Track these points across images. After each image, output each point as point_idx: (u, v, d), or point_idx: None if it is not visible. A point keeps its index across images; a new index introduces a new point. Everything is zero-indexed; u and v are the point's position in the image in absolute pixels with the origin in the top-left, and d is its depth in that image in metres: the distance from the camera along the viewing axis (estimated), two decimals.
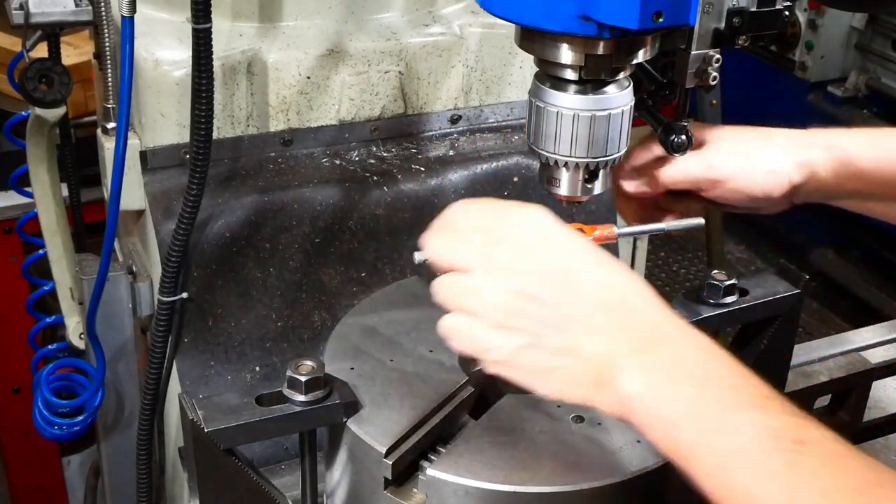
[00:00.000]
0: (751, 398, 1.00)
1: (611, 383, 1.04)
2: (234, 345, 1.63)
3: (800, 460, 0.93)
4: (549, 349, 1.07)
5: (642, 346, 1.05)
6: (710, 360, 1.04)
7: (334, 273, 1.68)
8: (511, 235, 1.11)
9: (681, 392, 1.01)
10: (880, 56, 4.48)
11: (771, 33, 1.23)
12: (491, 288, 1.09)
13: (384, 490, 1.17)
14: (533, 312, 1.07)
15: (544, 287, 1.08)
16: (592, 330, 1.06)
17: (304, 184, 1.69)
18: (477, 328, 1.09)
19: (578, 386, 1.07)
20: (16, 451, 3.12)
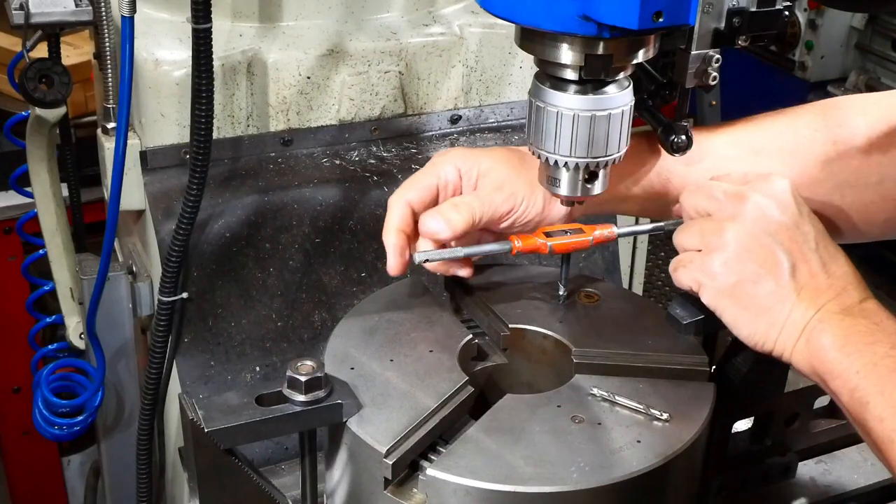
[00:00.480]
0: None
1: (814, 332, 1.16)
2: (234, 345, 1.63)
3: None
4: (771, 291, 1.18)
5: (851, 310, 1.17)
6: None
7: (334, 273, 1.68)
8: (757, 196, 1.22)
9: (876, 352, 1.12)
10: (880, 56, 4.47)
11: (771, 33, 1.22)
12: (731, 229, 1.20)
13: (384, 490, 1.17)
14: (764, 257, 1.19)
15: (780, 238, 1.19)
16: (812, 288, 1.18)
17: (304, 184, 1.69)
18: (709, 259, 1.20)
19: (782, 333, 1.18)
20: (16, 451, 3.12)
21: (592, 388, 1.27)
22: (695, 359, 1.32)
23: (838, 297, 1.19)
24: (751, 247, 1.19)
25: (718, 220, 1.22)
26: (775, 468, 1.50)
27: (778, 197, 1.22)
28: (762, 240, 1.19)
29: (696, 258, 1.22)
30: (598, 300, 1.43)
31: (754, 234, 1.19)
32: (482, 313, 1.40)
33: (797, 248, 1.20)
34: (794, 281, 1.18)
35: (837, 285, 1.20)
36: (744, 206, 1.21)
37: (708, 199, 1.25)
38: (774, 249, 1.19)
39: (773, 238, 1.19)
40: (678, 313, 1.35)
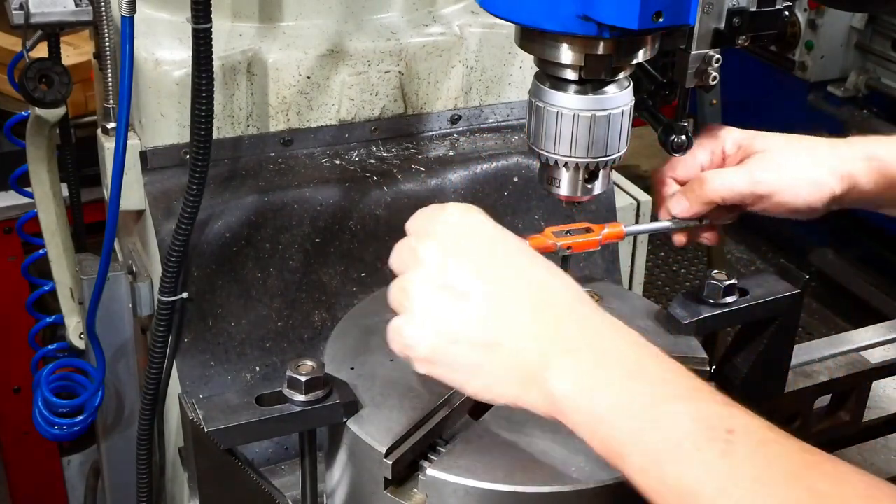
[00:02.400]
0: (681, 389, 1.00)
1: (538, 381, 1.03)
2: (234, 345, 1.63)
3: (731, 449, 0.93)
4: (470, 343, 1.05)
5: (570, 343, 1.04)
6: (640, 354, 1.04)
7: (334, 273, 1.68)
8: (439, 232, 1.11)
9: (610, 387, 1.00)
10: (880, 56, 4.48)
11: (771, 33, 1.23)
12: (416, 283, 1.08)
13: (384, 490, 1.17)
14: (454, 307, 1.06)
15: (468, 281, 1.06)
16: (517, 325, 1.05)
17: (304, 184, 1.69)
18: (405, 326, 1.09)
19: (504, 384, 1.05)
20: (16, 451, 3.12)
21: None
22: (695, 359, 1.32)
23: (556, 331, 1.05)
24: (432, 302, 1.07)
25: (408, 281, 1.10)
26: None
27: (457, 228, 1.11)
28: (442, 292, 1.07)
29: (396, 325, 1.11)
30: (598, 300, 1.44)
31: (432, 287, 1.08)
32: None
33: (488, 286, 1.07)
34: (492, 326, 1.05)
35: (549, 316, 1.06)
36: (416, 258, 1.10)
37: (397, 254, 1.14)
38: (459, 297, 1.06)
39: (458, 284, 1.06)
40: (678, 313, 1.35)
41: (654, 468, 0.95)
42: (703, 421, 0.96)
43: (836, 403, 1.73)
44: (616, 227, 1.36)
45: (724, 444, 0.93)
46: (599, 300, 1.44)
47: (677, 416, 0.96)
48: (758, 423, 0.96)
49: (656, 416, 0.97)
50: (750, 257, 5.03)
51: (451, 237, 1.10)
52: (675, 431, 0.95)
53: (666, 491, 0.94)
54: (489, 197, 1.77)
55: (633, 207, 2.00)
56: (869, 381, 1.73)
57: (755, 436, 0.95)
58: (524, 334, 1.05)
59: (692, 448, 0.94)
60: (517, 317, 1.05)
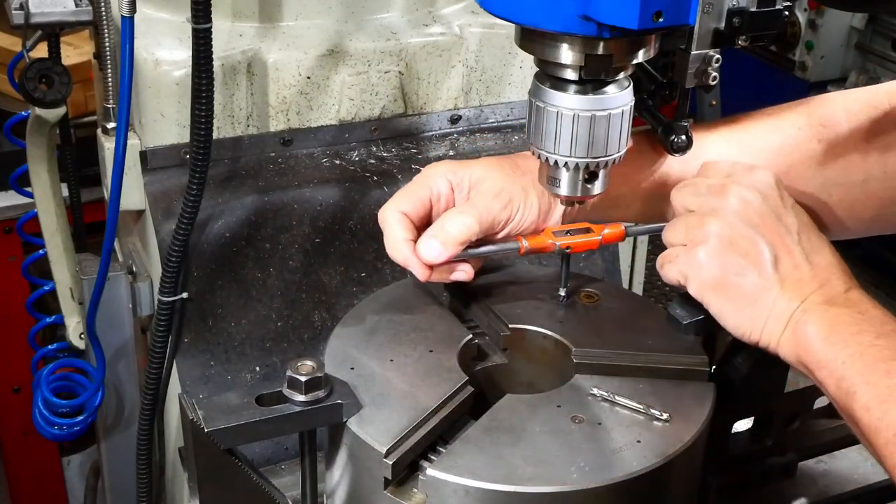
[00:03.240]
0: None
1: (799, 324, 1.17)
2: (234, 345, 1.63)
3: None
4: (756, 283, 1.19)
5: (836, 299, 1.18)
6: (892, 324, 1.15)
7: (334, 273, 1.68)
8: (750, 181, 1.24)
9: (862, 341, 1.12)
10: (880, 56, 4.48)
11: (771, 33, 1.22)
12: (714, 223, 1.21)
13: (384, 490, 1.17)
14: (746, 248, 1.19)
15: (762, 230, 1.20)
16: (796, 280, 1.19)
17: (304, 184, 1.69)
18: (693, 253, 1.22)
19: (768, 324, 1.19)
20: (16, 451, 3.12)
21: (592, 388, 1.27)
22: (695, 359, 1.32)
23: (822, 287, 1.19)
24: (733, 239, 1.20)
25: (702, 215, 1.23)
26: (775, 468, 1.50)
27: (760, 188, 1.23)
28: (744, 232, 1.20)
29: (682, 252, 1.24)
30: (598, 300, 1.43)
31: (736, 226, 1.21)
32: (482, 313, 1.40)
33: (779, 240, 1.21)
34: (776, 272, 1.19)
35: (821, 276, 1.20)
36: (726, 200, 1.22)
37: (693, 194, 1.26)
38: (756, 241, 1.20)
39: (756, 230, 1.20)
40: (678, 313, 1.35)
41: (877, 408, 1.08)
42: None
43: None
44: (616, 228, 1.36)
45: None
46: (599, 300, 1.44)
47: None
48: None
49: (892, 368, 1.09)
50: None
51: (750, 194, 1.22)
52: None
53: (884, 428, 1.07)
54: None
55: None
56: None
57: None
58: (802, 284, 1.19)
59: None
60: (801, 268, 1.20)
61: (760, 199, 1.22)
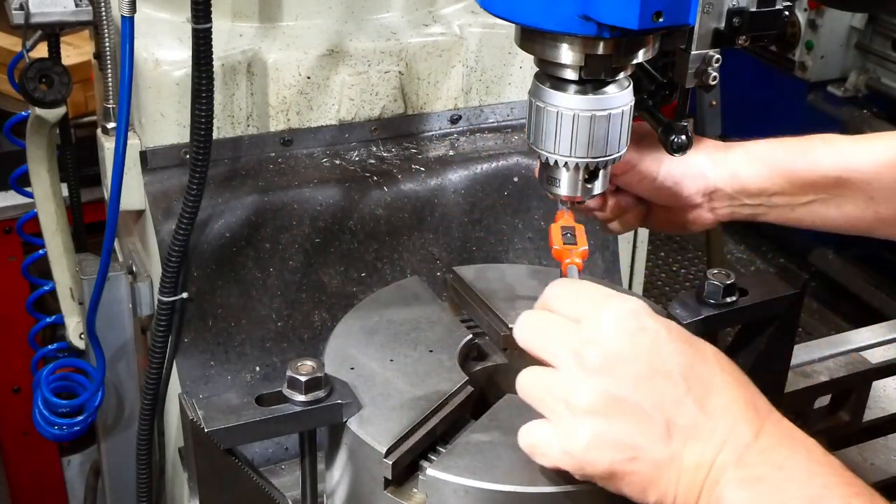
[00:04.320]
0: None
1: (712, 494, 1.00)
2: (234, 345, 1.63)
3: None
4: (652, 462, 1.01)
5: (747, 456, 1.00)
6: (818, 471, 0.99)
7: (334, 273, 1.68)
8: (604, 334, 1.03)
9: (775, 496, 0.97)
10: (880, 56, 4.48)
11: (771, 33, 1.23)
12: (584, 390, 1.01)
13: (384, 490, 1.17)
14: (631, 421, 1.00)
15: (642, 392, 1.00)
16: (695, 439, 1.01)
17: (304, 184, 1.69)
18: (574, 439, 1.02)
19: (678, 497, 1.01)
20: (16, 451, 3.12)
21: None
22: None
23: (726, 444, 1.00)
24: (611, 412, 1.00)
25: (564, 377, 1.03)
26: None
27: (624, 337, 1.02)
28: (619, 405, 1.00)
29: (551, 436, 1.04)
30: None
31: (610, 393, 1.00)
32: (482, 313, 1.40)
33: (664, 399, 1.01)
34: (671, 441, 1.00)
35: (723, 425, 1.01)
36: (586, 355, 1.02)
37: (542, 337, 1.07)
38: (638, 412, 1.00)
39: (633, 397, 1.00)
40: (678, 313, 1.35)
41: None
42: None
43: (836, 403, 1.73)
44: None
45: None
46: None
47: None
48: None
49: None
50: (750, 257, 5.04)
51: (620, 339, 1.03)
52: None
53: None
54: (489, 197, 1.77)
55: None
56: (869, 381, 1.73)
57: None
58: (703, 448, 1.01)
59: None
60: (695, 430, 1.01)
61: (625, 353, 1.02)
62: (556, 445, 1.04)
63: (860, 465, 1.67)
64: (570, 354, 1.03)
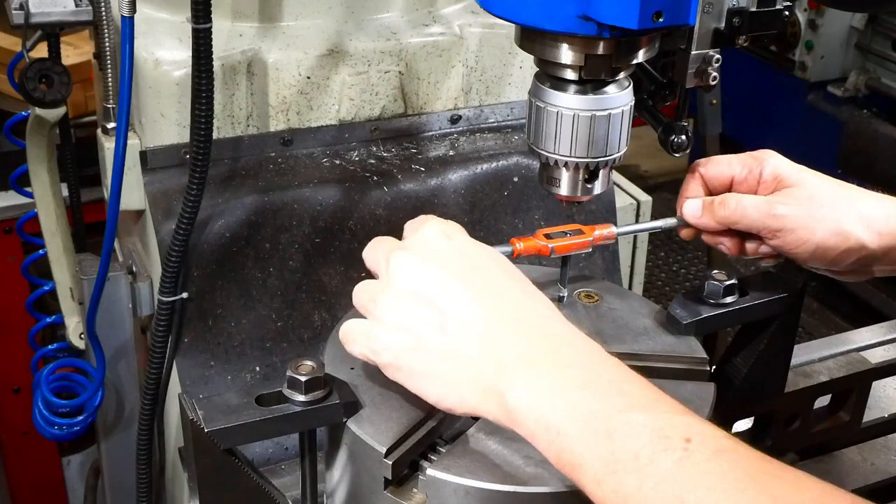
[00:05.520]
0: (638, 400, 1.00)
1: (495, 392, 1.04)
2: (234, 345, 1.63)
3: (687, 457, 0.92)
4: (433, 351, 1.08)
5: (530, 355, 1.04)
6: (599, 365, 1.04)
7: (334, 273, 1.68)
8: (418, 242, 1.14)
9: (568, 399, 1.00)
10: (880, 56, 4.48)
11: (771, 33, 1.23)
12: (389, 290, 1.12)
13: (384, 490, 1.17)
14: (422, 315, 1.09)
15: (439, 292, 1.09)
16: (478, 335, 1.07)
17: (304, 184, 1.69)
18: (372, 329, 1.13)
19: (462, 393, 1.07)
20: (16, 451, 3.12)
21: None
22: (695, 359, 1.32)
23: (513, 340, 1.06)
24: (398, 306, 1.10)
25: (379, 285, 1.14)
26: None
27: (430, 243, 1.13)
28: (407, 297, 1.10)
29: (360, 327, 1.15)
30: (598, 300, 1.43)
31: (400, 292, 1.11)
32: None
33: (444, 294, 1.08)
34: (448, 334, 1.07)
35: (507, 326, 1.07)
36: (388, 267, 1.13)
37: (371, 257, 1.18)
38: (421, 302, 1.09)
39: (420, 290, 1.09)
40: (678, 313, 1.35)
41: (609, 479, 0.95)
42: (658, 431, 0.95)
43: (836, 403, 1.73)
44: (606, 228, 1.35)
45: (681, 453, 0.93)
46: (599, 300, 1.44)
47: (634, 425, 0.96)
48: (715, 432, 0.96)
49: (612, 426, 0.96)
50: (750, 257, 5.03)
51: (425, 249, 1.13)
52: (631, 442, 0.95)
53: (621, 502, 0.94)
54: (489, 197, 1.77)
55: (633, 207, 2.00)
56: (869, 381, 1.73)
57: (712, 444, 0.94)
58: (484, 344, 1.06)
59: (648, 458, 0.93)
60: (476, 327, 1.07)
61: (433, 254, 1.12)
62: (361, 332, 1.14)
63: (860, 465, 1.67)
64: (385, 263, 1.14)
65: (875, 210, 1.35)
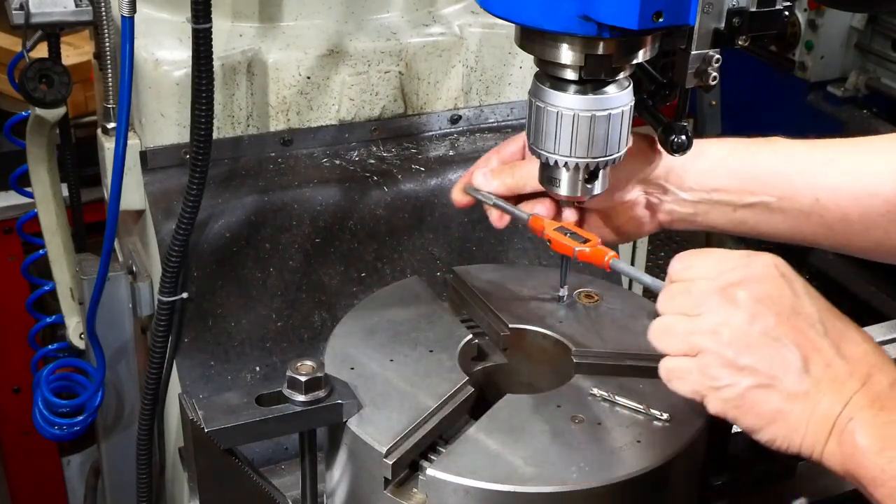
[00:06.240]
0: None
1: (841, 434, 1.03)
2: (234, 345, 1.63)
3: None
4: (785, 392, 1.05)
5: (879, 399, 1.04)
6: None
7: (334, 273, 1.68)
8: (749, 276, 1.09)
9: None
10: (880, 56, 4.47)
11: (771, 33, 1.23)
12: (729, 325, 1.06)
13: (384, 490, 1.17)
14: (771, 353, 1.05)
15: (782, 328, 1.06)
16: (832, 378, 1.05)
17: (304, 184, 1.69)
18: (708, 365, 1.06)
19: (807, 434, 1.05)
20: (16, 451, 3.12)
21: (592, 388, 1.27)
22: None
23: (864, 386, 1.05)
24: (751, 345, 1.06)
25: (706, 322, 1.08)
26: (775, 468, 1.50)
27: (767, 279, 1.09)
28: (760, 337, 1.06)
29: (693, 367, 1.08)
30: (598, 300, 1.44)
31: (751, 331, 1.06)
32: (482, 313, 1.40)
33: (803, 337, 1.06)
34: (808, 376, 1.05)
35: (860, 370, 1.06)
36: (733, 303, 1.07)
37: (686, 298, 1.11)
38: (779, 345, 1.05)
39: (774, 331, 1.06)
40: None
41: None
42: None
43: None
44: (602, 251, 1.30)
45: None
46: (599, 300, 1.44)
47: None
48: None
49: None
50: None
51: (761, 283, 1.09)
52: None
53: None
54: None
55: None
56: None
57: None
58: (838, 387, 1.05)
59: None
60: (832, 369, 1.05)
61: (771, 293, 1.08)
62: (696, 370, 1.07)
63: None
64: (716, 298, 1.08)
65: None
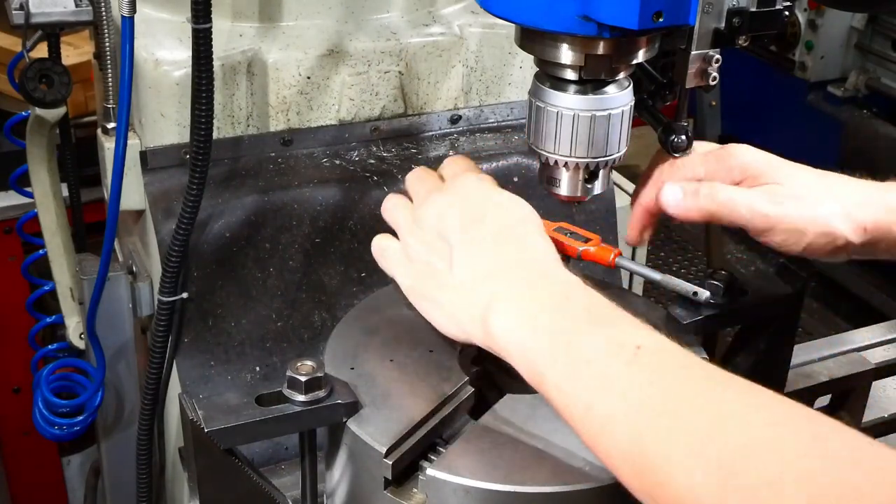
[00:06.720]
0: (605, 318, 1.07)
1: (483, 318, 1.14)
2: (234, 345, 1.63)
3: (636, 359, 1.00)
4: (442, 281, 1.21)
5: (518, 288, 1.14)
6: (579, 294, 1.12)
7: (334, 273, 1.68)
8: (455, 189, 1.28)
9: (541, 321, 1.09)
10: (880, 56, 4.48)
11: (771, 33, 1.23)
12: (421, 223, 1.25)
13: (384, 490, 1.17)
14: (439, 249, 1.22)
15: (457, 232, 1.21)
16: (481, 272, 1.17)
17: (304, 184, 1.69)
18: (398, 252, 1.29)
19: (460, 320, 1.19)
20: (16, 451, 3.12)
21: None
22: None
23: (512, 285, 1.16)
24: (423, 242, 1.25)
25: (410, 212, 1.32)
26: None
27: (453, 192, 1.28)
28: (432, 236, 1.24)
29: (395, 248, 1.32)
30: None
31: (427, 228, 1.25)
32: None
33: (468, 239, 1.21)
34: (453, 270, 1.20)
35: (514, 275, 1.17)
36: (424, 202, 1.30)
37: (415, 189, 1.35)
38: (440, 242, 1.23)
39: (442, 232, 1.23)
40: (678, 313, 1.35)
41: (566, 384, 1.03)
42: (614, 339, 1.03)
43: (836, 403, 1.73)
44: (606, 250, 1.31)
45: (631, 356, 1.00)
46: None
47: (593, 336, 1.05)
48: (669, 343, 1.02)
49: (573, 339, 1.05)
50: (750, 257, 5.03)
51: (455, 195, 1.27)
52: (587, 350, 1.03)
53: (574, 404, 1.02)
54: None
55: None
56: (869, 381, 1.73)
57: (662, 348, 1.02)
58: (483, 279, 1.17)
59: (601, 363, 1.01)
60: (481, 264, 1.18)
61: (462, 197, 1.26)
62: (395, 248, 1.30)
63: None
64: (424, 192, 1.30)
65: (860, 205, 1.33)
